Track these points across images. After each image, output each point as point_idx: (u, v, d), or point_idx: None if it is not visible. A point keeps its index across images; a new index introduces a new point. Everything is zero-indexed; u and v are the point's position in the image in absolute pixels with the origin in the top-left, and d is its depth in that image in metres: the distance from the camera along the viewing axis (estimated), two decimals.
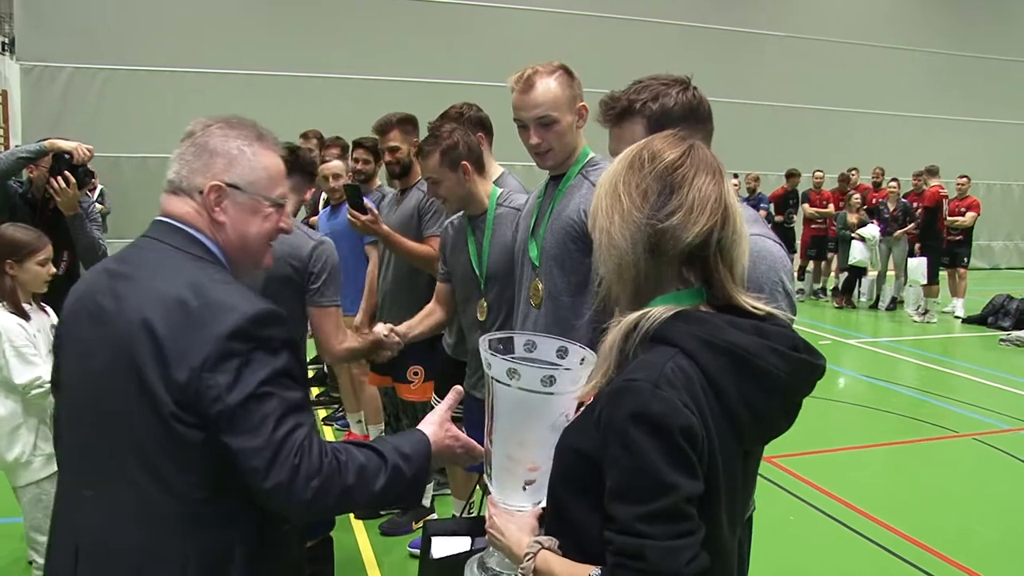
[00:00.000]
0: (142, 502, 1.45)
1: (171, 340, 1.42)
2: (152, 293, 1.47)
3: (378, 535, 4.20)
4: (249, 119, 1.68)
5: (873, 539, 4.25)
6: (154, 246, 1.59)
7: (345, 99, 13.32)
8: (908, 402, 7.21)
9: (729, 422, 1.21)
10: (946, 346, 10.00)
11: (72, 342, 1.58)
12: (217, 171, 1.59)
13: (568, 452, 1.29)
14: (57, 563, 1.55)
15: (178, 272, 1.51)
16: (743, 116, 15.26)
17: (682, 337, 1.22)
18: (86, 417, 1.53)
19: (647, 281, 1.28)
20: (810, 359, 1.28)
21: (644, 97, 1.89)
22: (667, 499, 1.13)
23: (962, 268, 11.66)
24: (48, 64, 12.84)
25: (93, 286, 1.58)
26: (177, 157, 1.62)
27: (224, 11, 13.57)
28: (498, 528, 1.40)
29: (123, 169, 13.00)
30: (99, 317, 1.51)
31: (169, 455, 1.43)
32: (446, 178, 3.03)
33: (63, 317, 1.64)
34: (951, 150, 16.25)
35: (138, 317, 1.44)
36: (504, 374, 1.34)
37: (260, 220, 1.64)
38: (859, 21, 17.48)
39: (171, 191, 1.62)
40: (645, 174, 1.27)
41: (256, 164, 1.62)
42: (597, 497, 1.21)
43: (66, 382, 1.60)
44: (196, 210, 1.59)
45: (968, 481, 5.26)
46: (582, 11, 15.06)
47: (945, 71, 17.88)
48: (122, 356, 1.45)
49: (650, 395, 1.15)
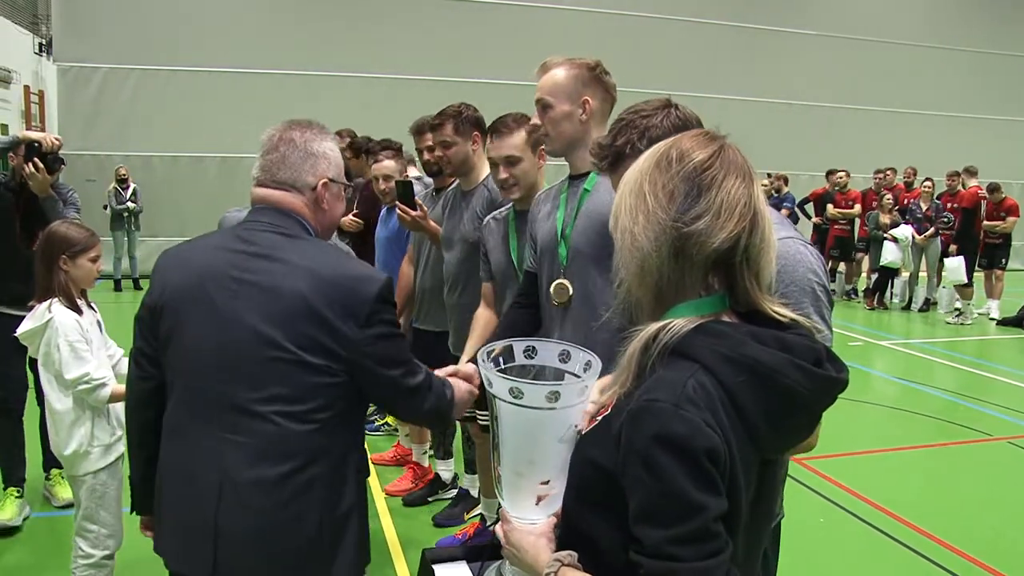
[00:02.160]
0: (289, 437, 1.79)
1: (323, 304, 1.77)
2: (296, 268, 1.81)
3: (403, 520, 4.30)
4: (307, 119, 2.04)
5: (904, 542, 4.20)
6: (273, 231, 1.90)
7: (377, 98, 13.41)
8: (942, 405, 7.12)
9: (749, 436, 1.18)
10: (980, 348, 9.84)
11: (205, 309, 1.84)
12: (321, 170, 1.96)
13: (585, 464, 1.26)
14: (200, 504, 1.82)
15: (307, 251, 1.87)
16: (775, 115, 15.17)
17: (703, 352, 1.18)
18: (227, 374, 1.81)
19: (669, 285, 1.24)
20: (833, 374, 1.23)
21: (632, 138, 1.87)
22: (696, 520, 1.10)
23: (999, 270, 11.47)
24: (84, 65, 13.04)
25: (219, 262, 1.87)
26: (280, 158, 1.94)
27: (256, 12, 13.70)
28: (515, 545, 1.35)
29: (155, 168, 13.17)
30: (238, 289, 1.82)
31: (313, 397, 1.79)
32: (527, 159, 3.02)
33: (179, 287, 1.88)
34: (988, 150, 16.01)
35: (288, 286, 1.79)
36: (506, 393, 1.29)
37: (342, 203, 2.07)
38: (895, 20, 17.27)
39: (275, 186, 1.94)
40: (673, 174, 1.23)
41: (339, 159, 2.03)
42: (613, 511, 1.19)
43: (193, 345, 1.85)
44: (304, 202, 1.95)
45: (1002, 485, 5.18)
46: (613, 10, 15.02)
47: (983, 70, 17.61)
48: (277, 319, 1.78)
49: (672, 415, 1.12)
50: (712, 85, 14.52)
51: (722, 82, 15.15)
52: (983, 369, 8.51)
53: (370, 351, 1.82)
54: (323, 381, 1.80)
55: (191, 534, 1.85)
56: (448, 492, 4.58)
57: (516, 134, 3.01)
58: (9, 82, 12.17)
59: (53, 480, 4.47)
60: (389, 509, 4.43)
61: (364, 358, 1.82)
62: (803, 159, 15.10)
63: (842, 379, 1.24)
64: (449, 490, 4.59)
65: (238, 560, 1.82)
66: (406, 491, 4.64)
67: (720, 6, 15.92)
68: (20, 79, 12.52)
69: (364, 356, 1.81)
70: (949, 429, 6.30)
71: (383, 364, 1.84)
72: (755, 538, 1.30)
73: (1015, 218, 11.37)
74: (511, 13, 14.75)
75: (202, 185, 12.87)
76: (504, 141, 3.03)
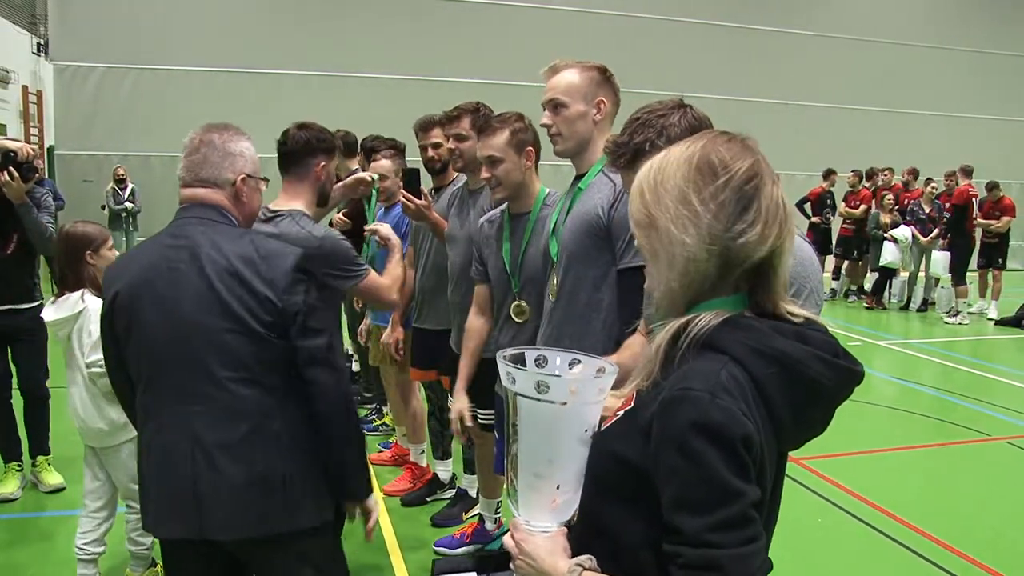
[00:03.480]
0: (242, 400, 2.03)
1: (256, 278, 2.03)
2: (224, 251, 2.05)
3: (402, 520, 4.31)
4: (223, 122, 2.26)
5: (902, 542, 4.20)
6: (199, 223, 2.12)
7: (375, 98, 13.41)
8: (939, 404, 7.12)
9: (773, 428, 1.20)
10: (978, 348, 9.85)
11: (151, 302, 2.06)
12: (239, 167, 2.20)
13: (607, 458, 1.26)
14: (179, 473, 2.03)
15: (233, 237, 2.11)
16: (773, 115, 15.16)
17: (732, 344, 1.20)
18: (180, 354, 2.03)
19: (705, 283, 1.25)
20: (852, 366, 1.26)
21: (651, 136, 1.90)
22: (736, 506, 1.11)
23: (996, 269, 11.49)
24: (80, 64, 13.03)
25: (156, 258, 2.09)
26: (202, 159, 2.18)
27: (255, 12, 13.69)
28: (529, 554, 1.33)
29: (153, 167, 13.17)
30: (175, 278, 2.04)
31: (260, 361, 2.04)
32: (509, 159, 3.00)
33: (126, 289, 2.08)
34: (988, 150, 16.02)
35: (222, 267, 2.02)
36: (532, 388, 1.28)
37: (259, 195, 2.30)
38: (895, 20, 17.28)
39: (199, 185, 2.18)
40: (721, 184, 1.23)
41: (255, 156, 2.25)
42: (637, 504, 1.19)
43: (148, 335, 2.06)
44: (226, 196, 2.19)
45: (1000, 485, 5.18)
46: (609, 10, 15.02)
47: (982, 70, 17.62)
48: (212, 298, 2.01)
49: (709, 404, 1.13)
50: (709, 85, 14.51)
51: (719, 82, 15.15)
52: (982, 369, 8.52)
53: (295, 318, 2.06)
54: (262, 348, 2.04)
55: (176, 502, 2.05)
56: (446, 492, 4.58)
57: (499, 134, 3.00)
58: (7, 82, 12.14)
59: (40, 467, 4.61)
60: (387, 509, 4.43)
61: (290, 323, 2.06)
62: (801, 159, 15.09)
63: (859, 371, 1.27)
64: (447, 490, 4.59)
65: (221, 517, 2.03)
66: (404, 491, 4.63)
67: (717, 6, 15.94)
68: (18, 79, 12.48)
69: (290, 321, 2.05)
70: (947, 429, 6.31)
71: (304, 332, 2.07)
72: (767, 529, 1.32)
73: (1009, 217, 11.36)
74: (509, 13, 14.76)
75: None
76: (487, 141, 3.04)
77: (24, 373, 4.47)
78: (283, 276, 2.05)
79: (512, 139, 2.99)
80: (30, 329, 4.37)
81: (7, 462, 4.57)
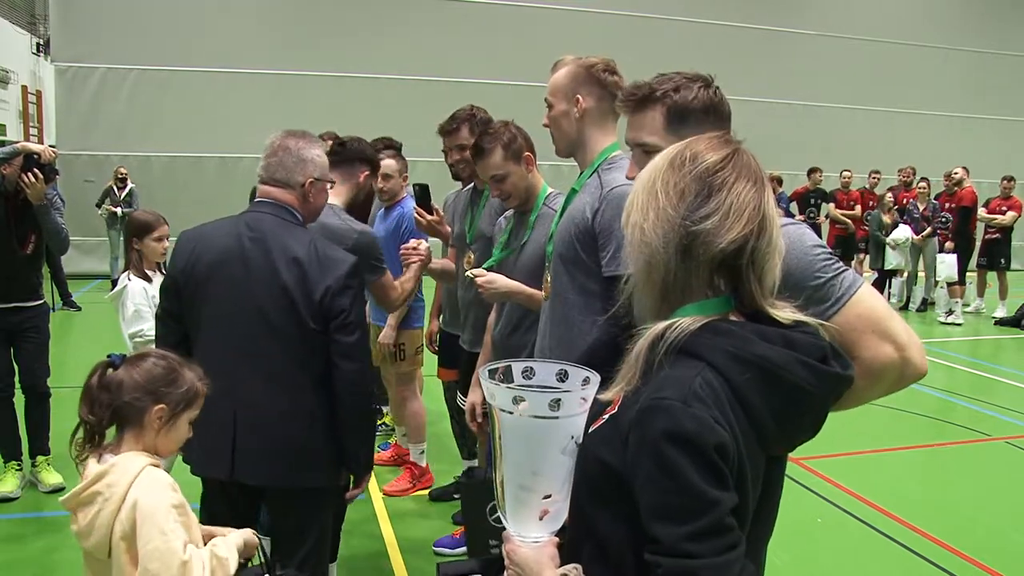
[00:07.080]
0: (289, 376, 2.48)
1: (312, 274, 2.43)
2: (291, 250, 2.46)
3: (401, 520, 4.31)
4: (301, 130, 2.65)
5: (902, 542, 4.20)
6: (273, 219, 2.53)
7: (375, 97, 13.41)
8: (939, 405, 7.12)
9: (756, 434, 1.19)
10: (978, 348, 9.86)
11: (224, 281, 2.47)
12: (309, 171, 2.59)
13: (593, 462, 1.26)
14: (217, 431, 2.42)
15: (299, 237, 2.51)
16: (773, 115, 15.16)
17: (710, 350, 1.20)
18: (242, 330, 2.46)
19: (675, 284, 1.24)
20: (839, 371, 1.24)
21: (667, 87, 1.90)
22: (712, 515, 1.11)
23: (1000, 271, 11.43)
24: (81, 65, 13.03)
25: (233, 243, 2.49)
26: (278, 162, 2.57)
27: (254, 12, 13.69)
28: (519, 564, 1.34)
29: (153, 168, 13.17)
30: (247, 263, 2.46)
31: (304, 345, 2.46)
32: (512, 172, 3.07)
33: (204, 268, 2.49)
34: (987, 150, 16.02)
35: (287, 262, 2.44)
36: (509, 402, 1.29)
37: (324, 195, 2.69)
38: (894, 20, 17.26)
39: (273, 184, 2.58)
40: (684, 173, 1.25)
41: (325, 162, 2.68)
42: (619, 509, 1.20)
43: (218, 309, 2.48)
44: (295, 196, 2.59)
45: (1001, 485, 5.19)
46: (618, 11, 15.00)
47: (982, 70, 17.61)
48: (276, 285, 2.43)
49: (682, 412, 1.13)
50: None
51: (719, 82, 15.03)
52: (981, 369, 8.52)
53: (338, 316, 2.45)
54: (307, 335, 2.45)
55: (213, 449, 2.45)
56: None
57: (494, 153, 3.07)
58: (7, 82, 12.13)
59: (39, 467, 4.64)
60: (388, 510, 4.42)
61: (332, 319, 2.45)
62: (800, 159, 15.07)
63: (848, 376, 1.26)
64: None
65: (250, 465, 2.46)
66: (404, 491, 4.63)
67: (717, 6, 15.92)
68: (18, 79, 12.47)
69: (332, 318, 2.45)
70: (947, 429, 6.31)
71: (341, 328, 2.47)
72: (761, 533, 1.31)
73: (1015, 213, 11.33)
74: (508, 13, 14.75)
75: (200, 185, 12.85)
76: (485, 163, 3.11)
77: (26, 370, 4.51)
78: (336, 280, 2.45)
79: (507, 153, 3.06)
80: (34, 326, 4.47)
81: (7, 461, 4.59)
